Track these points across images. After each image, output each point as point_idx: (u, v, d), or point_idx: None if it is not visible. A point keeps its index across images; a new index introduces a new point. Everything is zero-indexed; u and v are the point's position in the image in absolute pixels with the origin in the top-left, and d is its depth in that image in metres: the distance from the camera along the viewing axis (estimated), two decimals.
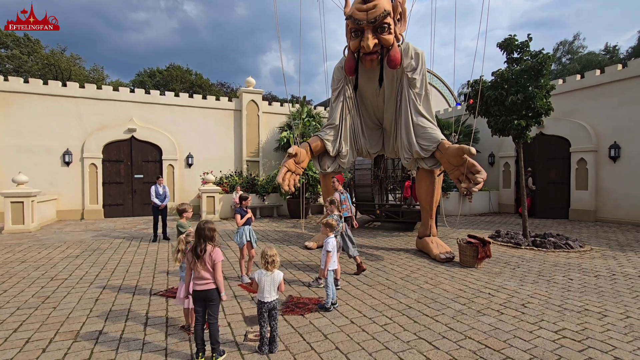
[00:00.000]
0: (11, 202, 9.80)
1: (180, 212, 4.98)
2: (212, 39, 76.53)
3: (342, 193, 6.82)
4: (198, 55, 65.69)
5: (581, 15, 57.26)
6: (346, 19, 6.63)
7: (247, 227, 5.48)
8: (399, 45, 6.77)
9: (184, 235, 3.72)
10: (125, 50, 60.08)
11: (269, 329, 3.27)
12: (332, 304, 4.27)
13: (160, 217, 8.83)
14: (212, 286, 3.12)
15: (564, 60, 31.80)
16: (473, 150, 5.70)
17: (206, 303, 3.12)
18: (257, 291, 3.33)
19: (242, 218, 5.40)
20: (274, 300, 3.29)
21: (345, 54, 7.38)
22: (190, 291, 3.28)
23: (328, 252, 4.33)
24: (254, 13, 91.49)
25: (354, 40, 6.57)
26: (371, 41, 6.29)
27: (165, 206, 8.83)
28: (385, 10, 6.20)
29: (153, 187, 8.85)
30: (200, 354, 3.03)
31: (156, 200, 8.70)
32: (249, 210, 5.53)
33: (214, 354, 3.06)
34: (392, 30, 6.46)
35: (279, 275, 3.33)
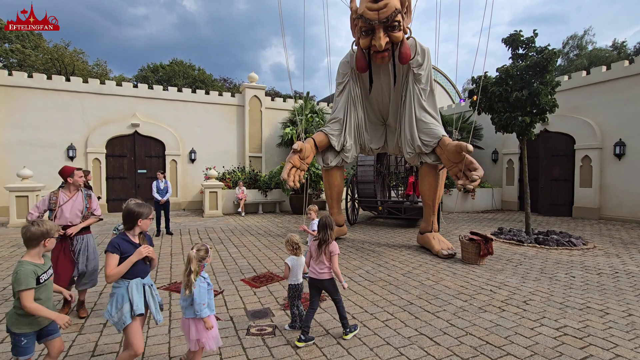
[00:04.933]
0: (16, 196, 9.88)
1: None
2: (212, 33, 76.37)
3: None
4: (198, 50, 65.67)
5: (582, 11, 56.67)
6: (356, 18, 6.58)
7: (134, 281, 2.59)
8: (408, 39, 6.76)
9: (194, 251, 2.61)
10: (125, 45, 60.07)
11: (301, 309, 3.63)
12: None
13: (162, 212, 8.88)
14: (327, 276, 3.39)
15: (571, 55, 31.46)
16: (470, 147, 5.72)
17: (321, 290, 3.48)
18: (289, 276, 3.58)
19: (123, 260, 2.52)
20: (302, 283, 3.66)
21: (352, 50, 7.35)
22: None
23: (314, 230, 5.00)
24: (254, 7, 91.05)
25: (365, 39, 6.54)
26: (383, 40, 6.28)
27: (167, 201, 8.87)
28: (396, 9, 6.18)
29: (154, 183, 8.92)
30: (302, 337, 3.28)
31: (157, 196, 8.76)
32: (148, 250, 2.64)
33: (344, 330, 3.40)
34: (402, 26, 6.44)
35: (302, 259, 3.65)
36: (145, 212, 2.62)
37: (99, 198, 8.69)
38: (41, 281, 2.32)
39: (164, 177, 9.22)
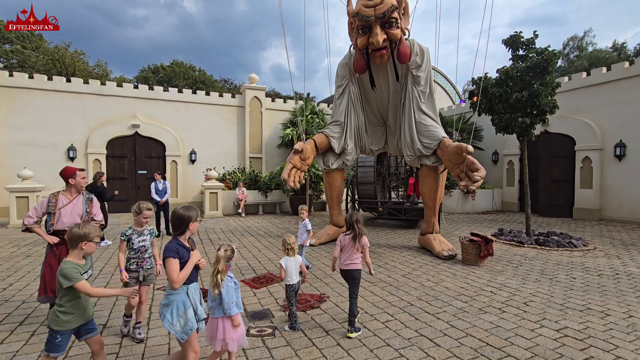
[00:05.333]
0: (16, 197, 9.88)
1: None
2: (212, 34, 76.48)
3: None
4: (198, 51, 65.74)
5: (581, 12, 56.69)
6: (352, 17, 6.58)
7: (192, 286, 2.60)
8: (407, 39, 6.75)
9: (222, 251, 2.65)
10: (126, 46, 60.12)
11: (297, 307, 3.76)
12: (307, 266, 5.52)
13: (162, 212, 8.89)
14: (359, 267, 3.59)
15: (571, 56, 31.48)
16: (470, 148, 5.72)
17: (349, 281, 3.62)
18: (285, 276, 3.64)
19: (184, 266, 2.49)
20: (298, 282, 3.73)
21: (350, 52, 7.35)
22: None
23: (309, 230, 5.52)
24: (254, 8, 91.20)
25: (362, 38, 6.52)
26: (380, 37, 6.25)
27: (166, 202, 8.87)
28: (392, 5, 6.18)
29: (153, 184, 8.91)
30: (350, 329, 3.50)
31: (156, 197, 8.76)
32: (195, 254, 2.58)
33: (349, 328, 3.49)
34: (400, 25, 6.43)
35: (299, 259, 3.75)
36: (194, 215, 2.60)
37: (114, 196, 8.72)
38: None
39: (162, 178, 9.21)
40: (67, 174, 3.65)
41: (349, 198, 11.08)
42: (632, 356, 3.11)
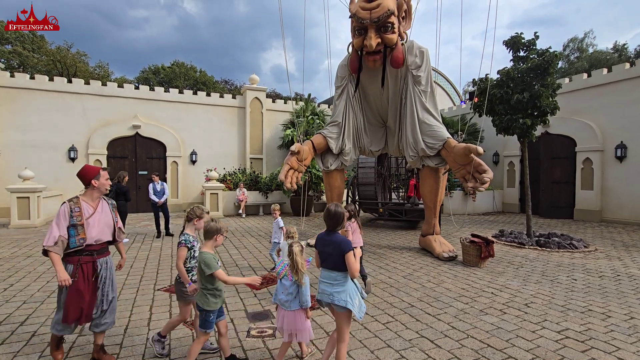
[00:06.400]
0: (17, 197, 9.90)
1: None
2: (212, 35, 76.73)
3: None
4: (199, 52, 65.95)
5: (581, 13, 56.69)
6: (350, 17, 6.60)
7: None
8: (402, 44, 6.73)
9: (296, 248, 2.82)
10: (126, 47, 60.28)
11: None
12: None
13: (161, 213, 8.87)
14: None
15: (572, 58, 31.47)
16: (480, 149, 5.67)
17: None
18: (280, 257, 4.62)
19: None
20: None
21: (349, 52, 7.35)
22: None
23: (282, 227, 5.67)
24: (254, 9, 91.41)
25: (358, 39, 6.53)
26: (374, 40, 6.25)
27: (164, 202, 8.85)
28: (389, 10, 6.16)
29: (151, 185, 8.88)
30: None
31: (154, 198, 8.74)
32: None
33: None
34: (396, 30, 6.42)
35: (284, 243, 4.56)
36: (344, 211, 2.88)
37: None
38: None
39: (159, 178, 9.18)
40: (89, 174, 2.89)
41: (349, 199, 11.08)
42: (634, 358, 3.11)
